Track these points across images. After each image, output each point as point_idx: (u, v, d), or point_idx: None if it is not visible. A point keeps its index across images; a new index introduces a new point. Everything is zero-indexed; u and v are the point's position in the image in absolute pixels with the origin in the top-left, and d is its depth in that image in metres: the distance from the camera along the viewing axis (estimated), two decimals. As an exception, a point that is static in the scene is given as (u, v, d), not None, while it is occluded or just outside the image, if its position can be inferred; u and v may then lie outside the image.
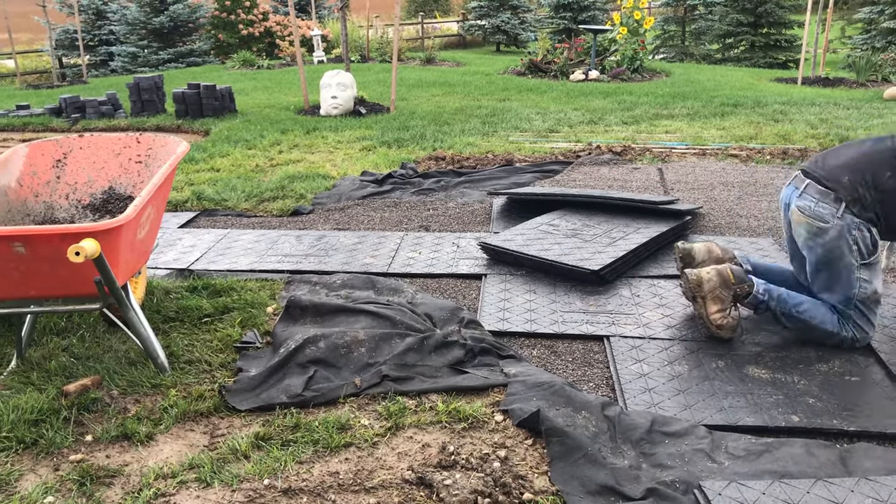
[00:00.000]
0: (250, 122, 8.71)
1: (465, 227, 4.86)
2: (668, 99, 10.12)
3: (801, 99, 10.06)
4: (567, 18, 20.57)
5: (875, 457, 2.40)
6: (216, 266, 4.21)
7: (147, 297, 3.67)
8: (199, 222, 5.13)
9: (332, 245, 4.50)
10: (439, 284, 3.94)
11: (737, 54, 18.81)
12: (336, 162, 6.79)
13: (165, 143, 3.53)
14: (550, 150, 7.12)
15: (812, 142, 7.34)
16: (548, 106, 9.80)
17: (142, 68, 17.67)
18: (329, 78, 9.20)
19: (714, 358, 3.07)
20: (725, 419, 2.64)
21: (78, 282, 2.76)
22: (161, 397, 2.87)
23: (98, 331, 3.39)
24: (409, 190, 5.76)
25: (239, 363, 3.08)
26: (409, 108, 9.71)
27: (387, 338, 3.16)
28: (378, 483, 2.36)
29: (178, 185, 6.03)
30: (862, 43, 16.56)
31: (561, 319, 3.44)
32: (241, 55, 16.31)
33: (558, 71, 13.17)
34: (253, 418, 2.74)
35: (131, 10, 18.37)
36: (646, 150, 6.99)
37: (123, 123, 9.01)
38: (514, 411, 2.68)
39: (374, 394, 2.87)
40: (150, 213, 3.07)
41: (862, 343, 3.07)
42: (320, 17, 21.99)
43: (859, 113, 8.97)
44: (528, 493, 2.29)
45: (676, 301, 3.62)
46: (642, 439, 2.52)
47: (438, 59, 16.85)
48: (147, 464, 2.49)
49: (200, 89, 9.12)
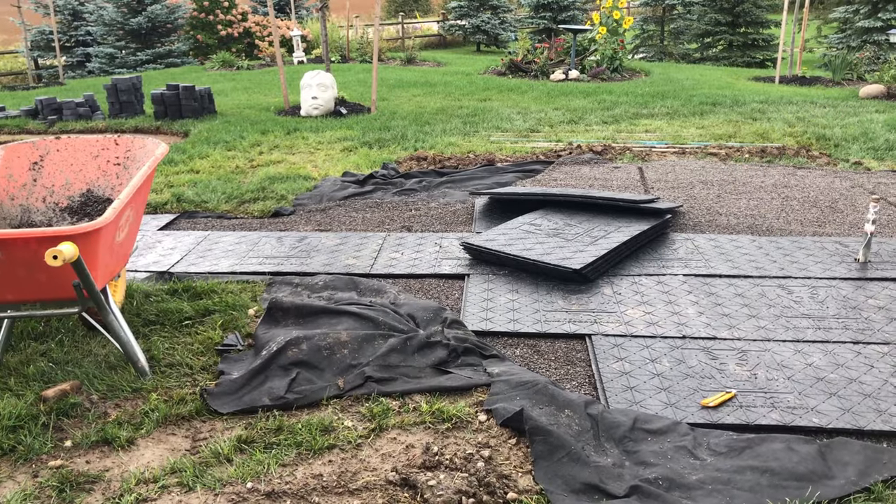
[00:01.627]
0: (230, 124, 8.65)
1: (448, 228, 4.86)
2: (648, 98, 10.18)
3: (779, 97, 10.16)
4: (547, 18, 20.63)
5: (854, 451, 2.43)
6: (197, 268, 4.18)
7: (127, 301, 3.64)
8: (179, 224, 5.09)
9: (313, 246, 4.48)
10: (422, 285, 3.94)
11: (715, 53, 18.96)
12: (317, 163, 6.76)
13: (144, 144, 3.50)
14: (531, 149, 7.14)
15: (790, 140, 7.42)
16: (528, 106, 9.82)
17: (119, 69, 17.51)
18: (309, 78, 9.16)
19: (695, 355, 3.09)
20: (707, 417, 2.66)
21: (56, 286, 2.73)
22: (142, 401, 2.85)
23: (77, 335, 3.35)
24: (390, 190, 5.76)
25: (220, 366, 3.06)
26: (390, 108, 9.69)
27: (369, 339, 3.15)
28: (362, 485, 2.35)
29: (158, 187, 5.98)
30: (837, 42, 16.75)
31: (544, 319, 3.45)
32: (220, 56, 16.21)
33: (539, 71, 13.21)
34: (235, 421, 2.72)
35: (108, 11, 18.18)
36: (626, 150, 7.03)
37: (101, 125, 8.92)
38: (498, 411, 2.68)
39: (358, 395, 2.86)
40: (129, 216, 3.04)
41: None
42: (300, 17, 21.90)
43: (835, 111, 9.08)
44: (513, 492, 2.30)
45: (658, 298, 3.64)
46: (625, 437, 2.53)
47: (419, 59, 16.84)
48: (128, 469, 2.46)
49: (179, 90, 9.05)
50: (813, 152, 6.89)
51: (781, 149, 6.98)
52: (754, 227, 4.75)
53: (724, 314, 3.47)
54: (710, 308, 3.53)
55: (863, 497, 2.24)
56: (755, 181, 5.82)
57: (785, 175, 6.02)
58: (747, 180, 5.85)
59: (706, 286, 3.79)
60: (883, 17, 15.77)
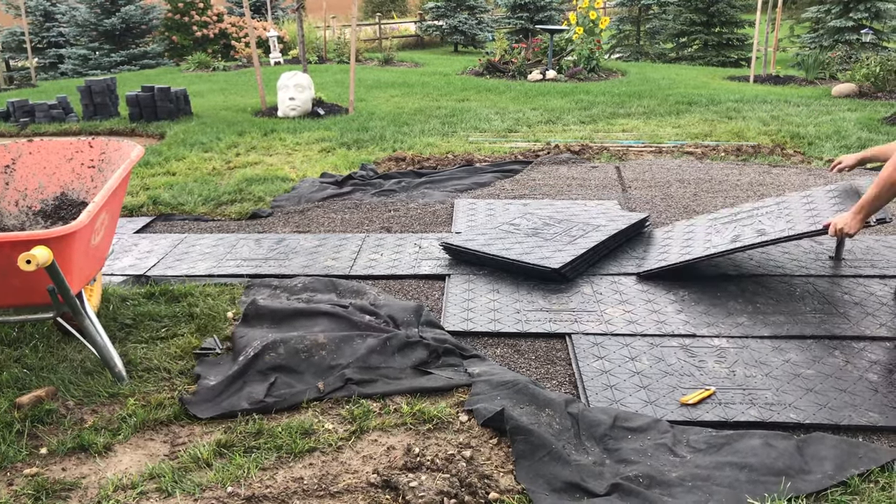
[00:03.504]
0: (206, 125, 8.58)
1: (427, 228, 4.86)
2: (625, 98, 10.24)
3: (754, 96, 10.27)
4: (524, 19, 20.69)
5: (830, 446, 2.46)
6: (174, 271, 4.14)
7: (103, 305, 3.59)
8: (156, 227, 5.04)
9: (292, 248, 4.46)
10: (402, 286, 3.93)
11: (690, 53, 19.12)
12: (295, 164, 6.73)
13: (119, 147, 3.46)
14: (510, 149, 7.15)
15: (765, 138, 7.50)
16: (506, 106, 9.84)
17: (93, 71, 17.29)
18: (286, 79, 9.11)
19: (674, 353, 3.11)
20: (686, 414, 2.68)
21: (30, 291, 2.69)
22: (119, 407, 2.81)
23: (52, 340, 3.30)
24: (369, 191, 5.74)
25: (198, 370, 3.03)
26: (368, 108, 9.67)
27: (348, 340, 3.14)
28: (343, 487, 2.34)
29: (134, 189, 5.92)
30: (810, 42, 16.96)
31: (524, 318, 3.46)
32: (195, 57, 16.07)
33: (516, 71, 13.24)
34: (214, 426, 2.70)
35: (81, 12, 17.95)
36: (603, 149, 7.07)
37: (75, 127, 8.80)
38: (479, 411, 2.68)
39: (338, 397, 2.84)
40: (104, 219, 3.00)
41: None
42: (276, 17, 21.78)
43: (809, 110, 9.19)
44: (494, 492, 2.30)
45: (637, 297, 3.66)
46: (605, 435, 2.54)
47: (396, 59, 16.81)
48: (105, 475, 2.43)
49: (155, 92, 8.96)
50: (787, 151, 6.98)
51: (757, 147, 7.06)
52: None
53: (702, 312, 3.50)
54: (689, 306, 3.56)
55: (839, 491, 2.27)
56: (731, 179, 5.88)
57: (760, 173, 6.08)
58: (723, 179, 5.91)
59: (684, 284, 3.81)
60: (854, 17, 16.00)
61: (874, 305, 3.54)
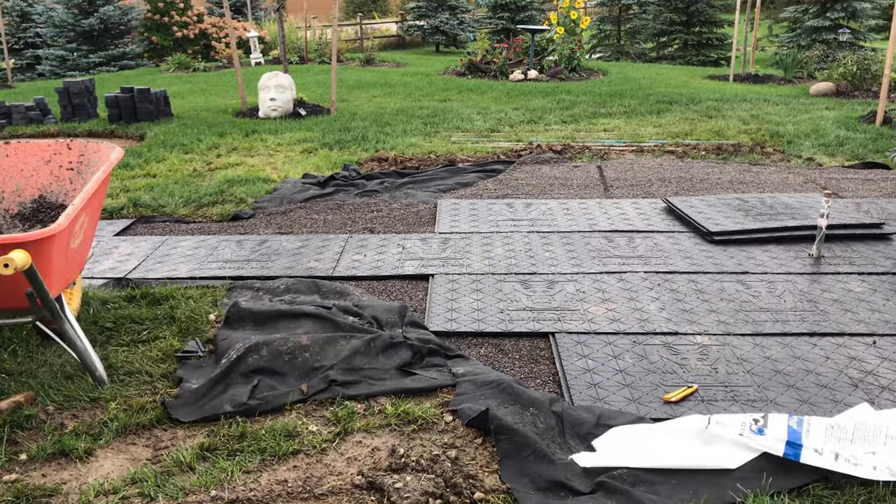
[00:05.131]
0: (187, 126, 8.52)
1: (411, 229, 4.85)
2: (606, 97, 10.29)
3: (733, 95, 10.35)
4: (505, 19, 20.71)
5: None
6: (155, 274, 4.11)
7: (83, 309, 3.56)
8: (136, 230, 5.00)
9: (274, 249, 4.43)
10: (385, 286, 3.92)
11: (670, 52, 19.25)
12: (276, 165, 6.69)
13: (98, 149, 3.43)
14: (492, 149, 7.16)
15: (745, 137, 7.56)
16: (488, 106, 9.86)
17: (71, 72, 17.10)
18: (267, 80, 9.07)
19: (657, 351, 3.13)
20: (669, 411, 2.70)
21: (8, 295, 2.66)
22: (100, 411, 2.78)
23: (31, 345, 3.26)
24: (352, 192, 5.72)
25: (180, 373, 3.01)
26: (350, 109, 9.64)
27: (331, 341, 3.12)
28: (328, 489, 2.33)
29: (113, 191, 5.86)
30: (788, 41, 17.13)
31: (508, 318, 3.46)
32: (175, 58, 15.95)
33: (498, 71, 13.27)
34: (197, 429, 2.68)
35: (58, 12, 17.75)
36: (585, 149, 7.10)
37: (53, 129, 8.70)
38: (464, 411, 2.68)
39: (322, 399, 2.83)
40: (83, 222, 2.97)
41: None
42: (257, 18, 21.67)
43: (788, 108, 9.28)
44: (479, 492, 2.30)
45: (619, 295, 3.68)
46: (590, 434, 2.55)
47: (378, 59, 16.78)
48: (86, 481, 2.41)
49: (134, 93, 8.88)
50: (767, 149, 7.04)
51: (737, 146, 7.12)
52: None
53: (684, 310, 3.52)
54: (671, 304, 3.58)
55: (821, 486, 2.29)
56: (712, 178, 5.92)
57: (741, 171, 6.13)
58: (704, 177, 5.95)
59: (667, 282, 3.84)
60: (831, 17, 16.18)
61: (852, 302, 3.58)
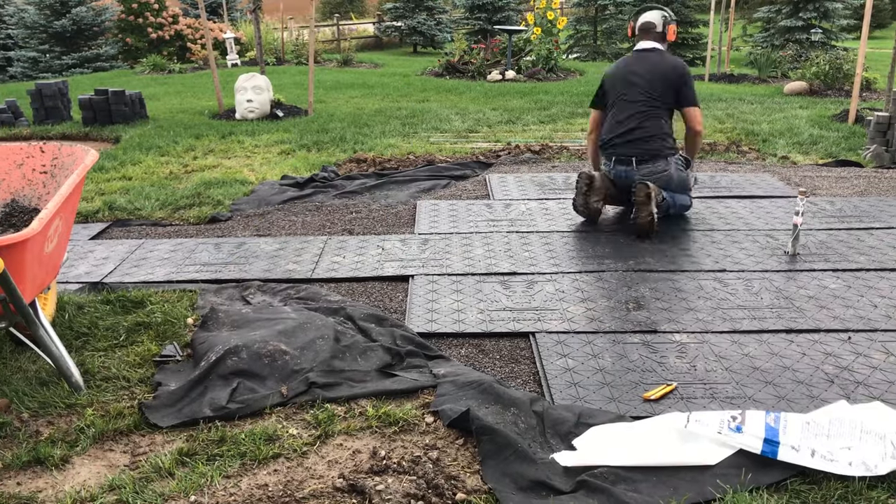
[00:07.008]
0: (163, 128, 8.44)
1: (390, 230, 4.84)
2: (583, 97, 10.33)
3: (709, 95, 10.45)
4: (482, 19, 20.75)
5: (790, 437, 2.50)
6: (131, 278, 4.06)
7: (58, 314, 3.51)
8: (112, 233, 4.94)
9: (252, 252, 4.40)
10: (365, 288, 3.91)
11: (646, 53, 19.37)
12: (254, 166, 6.65)
13: (72, 152, 3.38)
14: (471, 150, 7.17)
15: (720, 136, 7.63)
16: (466, 106, 9.86)
17: (44, 74, 16.86)
18: (244, 81, 9.01)
19: (636, 349, 3.15)
20: (649, 409, 2.71)
21: (-20, 300, 2.61)
22: (77, 417, 2.75)
23: (5, 351, 3.21)
24: (331, 193, 5.70)
25: (157, 377, 2.98)
26: (328, 110, 9.61)
27: (311, 343, 3.11)
28: (309, 493, 2.32)
29: (88, 195, 5.79)
30: (762, 41, 17.33)
31: (488, 318, 3.47)
32: (150, 59, 15.80)
33: (475, 71, 13.28)
34: (176, 434, 2.65)
35: (29, 13, 17.50)
36: (563, 149, 7.12)
37: (26, 132, 8.58)
38: (445, 412, 2.68)
39: (302, 402, 2.82)
40: (58, 226, 2.93)
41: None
42: (233, 19, 21.53)
43: (762, 107, 9.39)
44: (461, 492, 2.30)
45: (599, 294, 3.70)
46: (570, 433, 2.56)
47: (356, 60, 16.74)
48: (63, 489, 2.37)
49: (109, 95, 8.78)
50: (743, 147, 7.11)
51: (713, 145, 7.18)
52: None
53: (663, 308, 3.54)
54: (650, 302, 3.60)
55: (798, 481, 2.32)
56: (689, 177, 5.96)
57: (717, 170, 6.18)
58: (681, 176, 5.98)
59: (645, 281, 3.86)
60: (804, 17, 16.40)
61: (827, 299, 3.63)
